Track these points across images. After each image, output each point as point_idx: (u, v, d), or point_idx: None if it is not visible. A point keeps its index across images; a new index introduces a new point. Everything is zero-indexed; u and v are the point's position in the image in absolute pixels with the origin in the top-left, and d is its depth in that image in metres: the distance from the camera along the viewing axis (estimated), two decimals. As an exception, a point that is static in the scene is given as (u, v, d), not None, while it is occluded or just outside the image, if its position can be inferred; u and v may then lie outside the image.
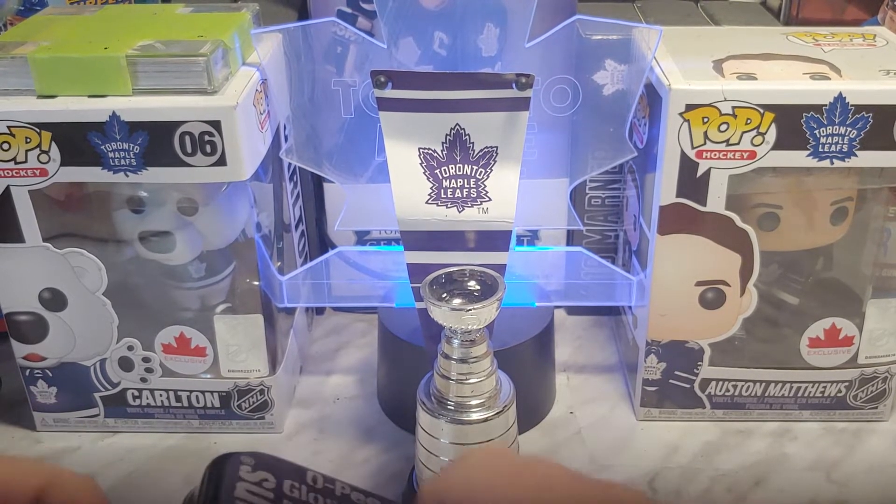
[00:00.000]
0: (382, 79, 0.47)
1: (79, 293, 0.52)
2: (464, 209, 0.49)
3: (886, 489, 0.52)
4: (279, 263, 0.57)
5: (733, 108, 0.47)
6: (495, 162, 0.48)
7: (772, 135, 0.48)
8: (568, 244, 0.66)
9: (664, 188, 0.50)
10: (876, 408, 0.56)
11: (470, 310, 0.42)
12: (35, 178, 0.48)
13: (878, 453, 0.55)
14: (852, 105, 0.47)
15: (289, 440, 0.57)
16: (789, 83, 0.48)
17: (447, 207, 0.49)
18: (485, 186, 0.49)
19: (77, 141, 0.47)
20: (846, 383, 0.55)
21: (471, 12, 0.52)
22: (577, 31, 0.53)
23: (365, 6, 0.57)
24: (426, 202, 0.49)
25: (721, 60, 0.51)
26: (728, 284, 0.52)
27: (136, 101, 0.47)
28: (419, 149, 0.48)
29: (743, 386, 0.56)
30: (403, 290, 0.53)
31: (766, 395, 0.56)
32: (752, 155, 0.48)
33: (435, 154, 0.49)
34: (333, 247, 0.64)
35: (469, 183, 0.49)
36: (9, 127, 0.47)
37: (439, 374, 0.45)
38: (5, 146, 0.47)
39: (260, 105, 0.51)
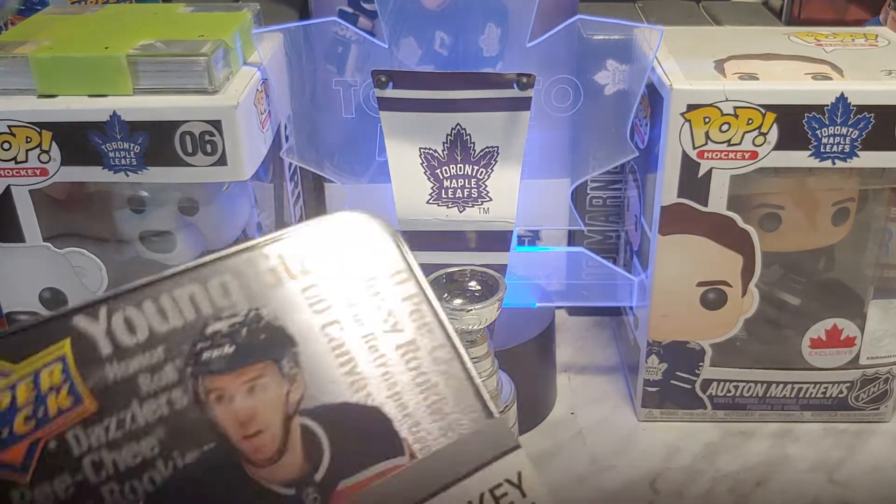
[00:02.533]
0: (383, 78, 0.47)
1: (79, 293, 0.52)
2: (465, 209, 0.49)
3: (888, 490, 0.52)
4: (280, 263, 0.57)
5: (735, 108, 0.47)
6: (496, 162, 0.48)
7: (773, 135, 0.48)
8: (569, 244, 0.66)
9: (665, 188, 0.50)
10: (877, 408, 0.56)
11: (471, 310, 0.42)
12: (36, 178, 0.48)
13: (880, 454, 0.54)
14: (854, 105, 0.47)
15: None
16: (791, 83, 0.48)
17: (448, 207, 0.49)
18: (486, 186, 0.49)
19: (78, 140, 0.47)
20: (848, 384, 0.55)
21: (472, 12, 0.52)
22: (578, 31, 0.53)
23: (366, 6, 0.57)
24: (427, 202, 0.49)
25: (722, 60, 0.51)
26: (729, 285, 0.52)
27: (136, 100, 0.47)
28: (420, 149, 0.48)
29: (744, 387, 0.56)
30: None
31: (768, 395, 0.56)
32: (754, 155, 0.48)
33: (436, 154, 0.48)
34: (334, 247, 0.63)
35: (470, 183, 0.49)
36: (9, 126, 0.47)
37: (440, 375, 0.45)
38: (6, 146, 0.47)
39: (261, 105, 0.50)
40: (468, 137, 0.48)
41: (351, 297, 0.31)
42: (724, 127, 0.48)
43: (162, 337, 0.29)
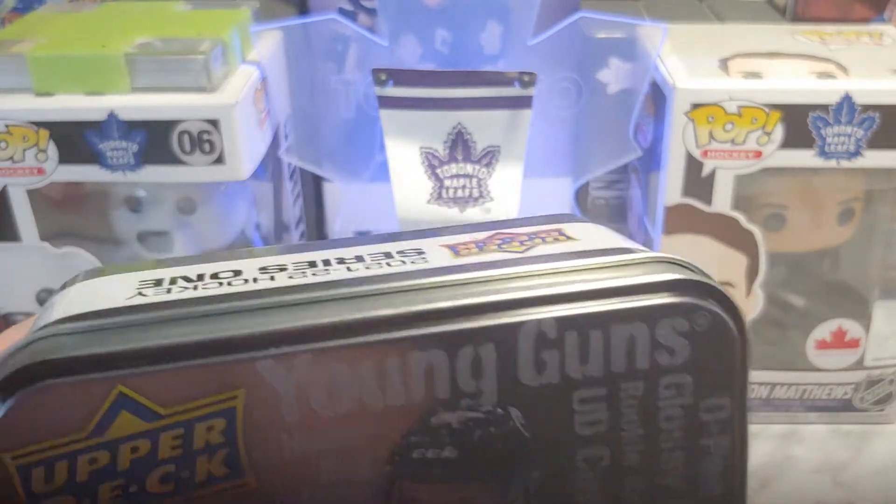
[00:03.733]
0: (383, 76, 0.47)
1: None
2: (466, 209, 0.49)
3: (893, 492, 0.51)
4: (279, 263, 0.56)
5: (739, 107, 0.47)
6: (497, 161, 0.48)
7: (778, 134, 0.47)
8: (571, 244, 0.66)
9: (669, 188, 0.49)
10: (882, 410, 0.56)
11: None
12: (33, 177, 0.48)
13: (885, 456, 0.54)
14: (859, 104, 0.46)
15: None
16: (796, 82, 0.47)
17: (449, 207, 0.49)
18: (487, 186, 0.48)
19: (75, 139, 0.46)
20: (853, 385, 0.55)
21: (473, 10, 0.52)
22: (580, 28, 0.52)
23: (365, 3, 0.57)
24: (427, 202, 0.49)
25: (727, 59, 0.50)
26: (733, 286, 0.52)
27: (134, 99, 0.46)
28: (420, 148, 0.48)
29: (748, 388, 0.55)
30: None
31: (772, 397, 0.55)
32: (758, 154, 0.48)
33: (436, 153, 0.48)
34: (334, 246, 0.63)
35: (471, 182, 0.48)
36: (6, 125, 0.46)
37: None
38: (3, 145, 0.47)
39: (260, 103, 0.50)
40: (469, 136, 0.48)
41: (639, 426, 0.21)
42: (729, 126, 0.47)
43: (366, 413, 0.21)
